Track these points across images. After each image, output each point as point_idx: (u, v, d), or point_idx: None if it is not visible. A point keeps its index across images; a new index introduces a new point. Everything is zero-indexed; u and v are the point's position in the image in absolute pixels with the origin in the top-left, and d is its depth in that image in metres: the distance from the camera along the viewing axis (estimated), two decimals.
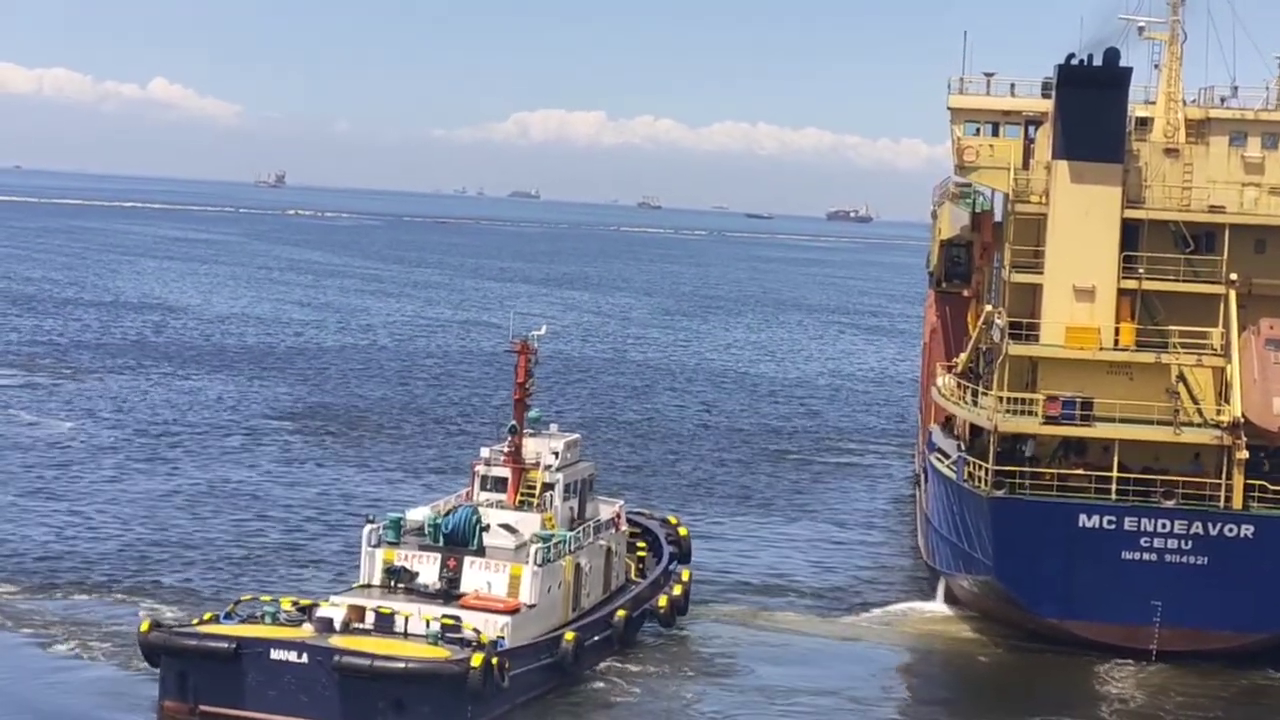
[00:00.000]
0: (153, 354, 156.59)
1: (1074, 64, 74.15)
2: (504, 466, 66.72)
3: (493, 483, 66.46)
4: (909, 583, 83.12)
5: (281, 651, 55.10)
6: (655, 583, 70.44)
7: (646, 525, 75.97)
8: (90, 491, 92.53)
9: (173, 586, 73.29)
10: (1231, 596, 68.23)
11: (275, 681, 54.93)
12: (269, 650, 55.25)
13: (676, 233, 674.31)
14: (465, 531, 62.73)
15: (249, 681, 55.17)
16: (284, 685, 54.83)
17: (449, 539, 62.56)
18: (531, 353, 68.05)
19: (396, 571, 61.36)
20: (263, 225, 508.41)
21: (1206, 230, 75.28)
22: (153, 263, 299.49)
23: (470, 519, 63.07)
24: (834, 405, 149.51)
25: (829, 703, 63.27)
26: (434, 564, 61.70)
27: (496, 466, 66.89)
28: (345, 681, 54.37)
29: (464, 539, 62.56)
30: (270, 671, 55.01)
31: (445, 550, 62.16)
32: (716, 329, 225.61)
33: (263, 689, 55.02)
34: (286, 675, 54.86)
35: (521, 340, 68.15)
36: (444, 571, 61.40)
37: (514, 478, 66.45)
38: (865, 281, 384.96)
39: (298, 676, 54.75)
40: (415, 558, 61.93)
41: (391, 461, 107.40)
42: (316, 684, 54.59)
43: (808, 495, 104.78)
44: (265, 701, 55.05)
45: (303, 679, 54.70)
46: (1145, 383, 72.70)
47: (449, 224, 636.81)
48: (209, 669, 55.45)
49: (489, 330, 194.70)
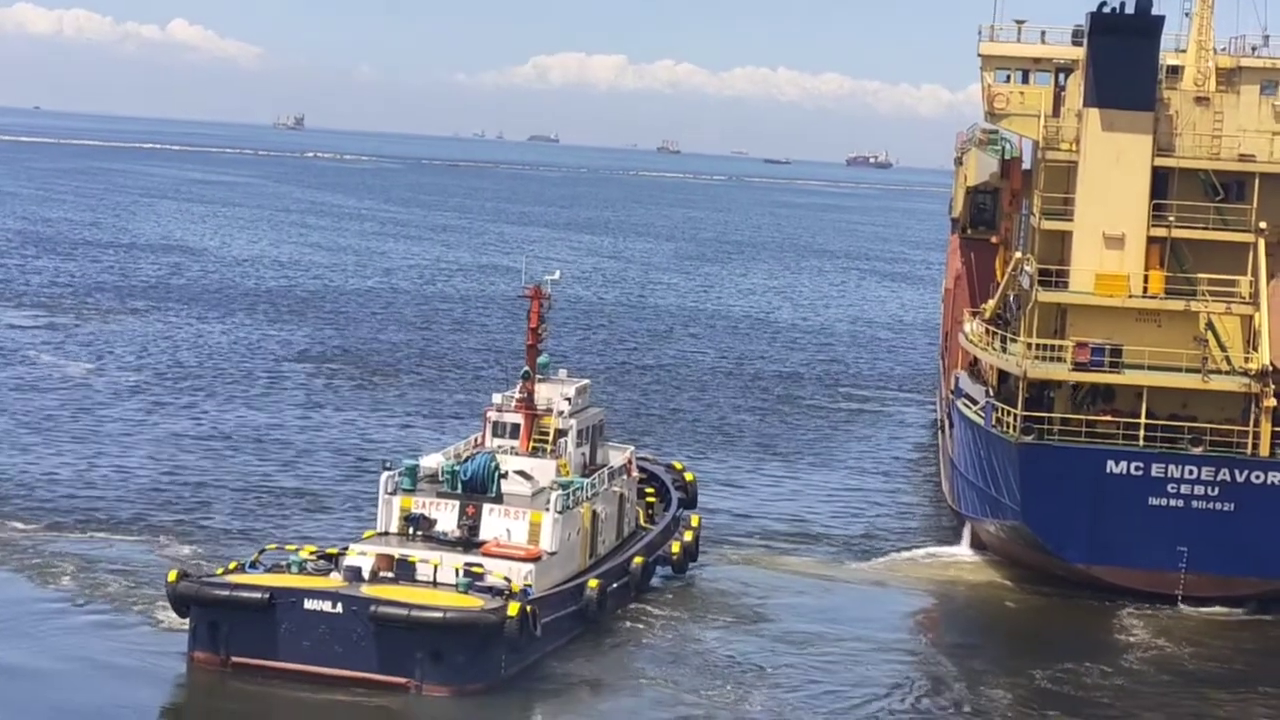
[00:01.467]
0: (172, 296, 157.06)
1: (1107, 12, 74.13)
2: (516, 413, 65.97)
3: (505, 429, 65.76)
4: (933, 528, 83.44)
5: (315, 601, 54.42)
6: (666, 529, 70.17)
7: (653, 471, 75.56)
8: (109, 433, 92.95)
9: (188, 528, 73.36)
10: (1257, 542, 68.62)
11: (309, 632, 54.31)
12: (303, 600, 54.53)
13: (695, 177, 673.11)
14: (484, 478, 62.11)
15: (282, 632, 54.48)
16: (318, 636, 54.24)
17: (467, 486, 61.98)
18: (545, 298, 67.18)
19: (415, 519, 60.76)
20: (282, 168, 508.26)
21: (1236, 179, 75.29)
22: (172, 204, 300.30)
23: (489, 466, 62.50)
24: (853, 351, 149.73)
25: (855, 646, 63.48)
26: (452, 511, 61.16)
27: (509, 413, 66.14)
28: (381, 631, 53.77)
29: (483, 486, 62.02)
30: (304, 622, 54.36)
31: (464, 497, 61.61)
32: (735, 274, 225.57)
33: (296, 639, 54.39)
34: (321, 625, 54.22)
35: (535, 285, 67.44)
36: (463, 519, 60.85)
37: (526, 424, 65.68)
38: (885, 228, 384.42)
39: (332, 626, 54.13)
40: (433, 505, 61.38)
41: (409, 406, 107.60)
42: (351, 634, 54.01)
43: (827, 441, 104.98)
44: (299, 652, 54.44)
45: (337, 629, 54.11)
46: (1173, 330, 72.88)
47: (467, 167, 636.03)
48: (241, 619, 54.67)
49: (507, 274, 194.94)
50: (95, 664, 56.82)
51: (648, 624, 63.62)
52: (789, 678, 59.14)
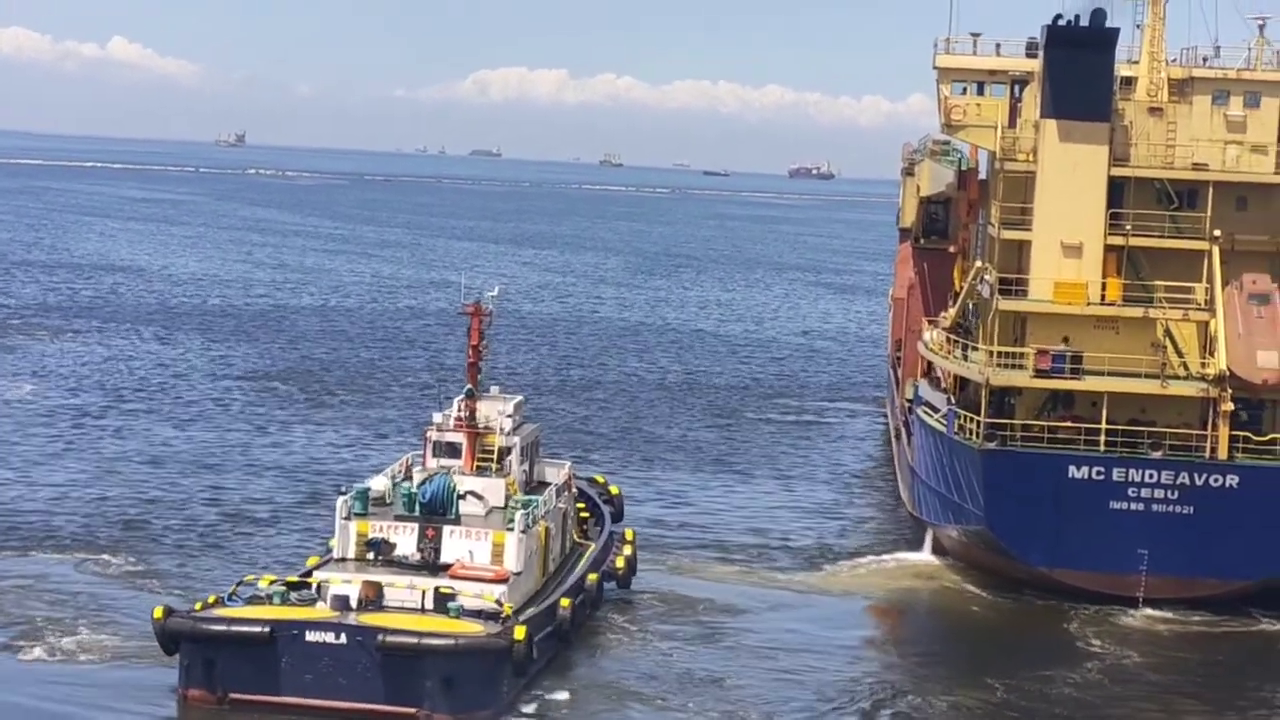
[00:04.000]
0: (113, 316, 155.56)
1: (1062, 25, 75.29)
2: (458, 432, 64.77)
3: (446, 449, 64.50)
4: (892, 534, 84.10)
5: (318, 633, 52.95)
6: (607, 544, 69.24)
7: (580, 487, 74.09)
8: (49, 454, 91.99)
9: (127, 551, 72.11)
10: (1216, 545, 69.79)
11: (311, 665, 52.87)
12: (304, 632, 53.08)
13: (638, 190, 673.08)
14: (444, 500, 60.94)
15: (284, 666, 52.88)
16: (321, 668, 52.85)
17: (427, 508, 60.74)
18: (485, 314, 66.15)
19: (377, 544, 59.28)
20: (224, 185, 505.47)
21: (1190, 187, 76.52)
22: (113, 223, 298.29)
23: (448, 487, 61.35)
24: (800, 363, 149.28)
25: (818, 655, 63.69)
26: (411, 534, 59.74)
27: (450, 432, 64.86)
28: (388, 660, 52.56)
29: (443, 508, 60.84)
30: (306, 654, 52.89)
31: (422, 520, 60.23)
32: (681, 287, 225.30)
33: (298, 673, 52.87)
34: (324, 657, 52.84)
35: (475, 302, 66.44)
36: (422, 541, 59.49)
37: (469, 443, 64.47)
38: (829, 239, 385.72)
39: (336, 658, 52.79)
40: (392, 528, 59.94)
41: (353, 424, 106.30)
42: (356, 665, 52.73)
43: (776, 452, 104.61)
44: (301, 686, 52.97)
45: (341, 660, 52.78)
46: (1131, 337, 74.06)
47: (410, 182, 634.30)
48: (239, 655, 53.01)
49: (450, 290, 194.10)
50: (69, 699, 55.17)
51: (614, 640, 63.41)
52: (749, 689, 59.04)
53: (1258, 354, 70.90)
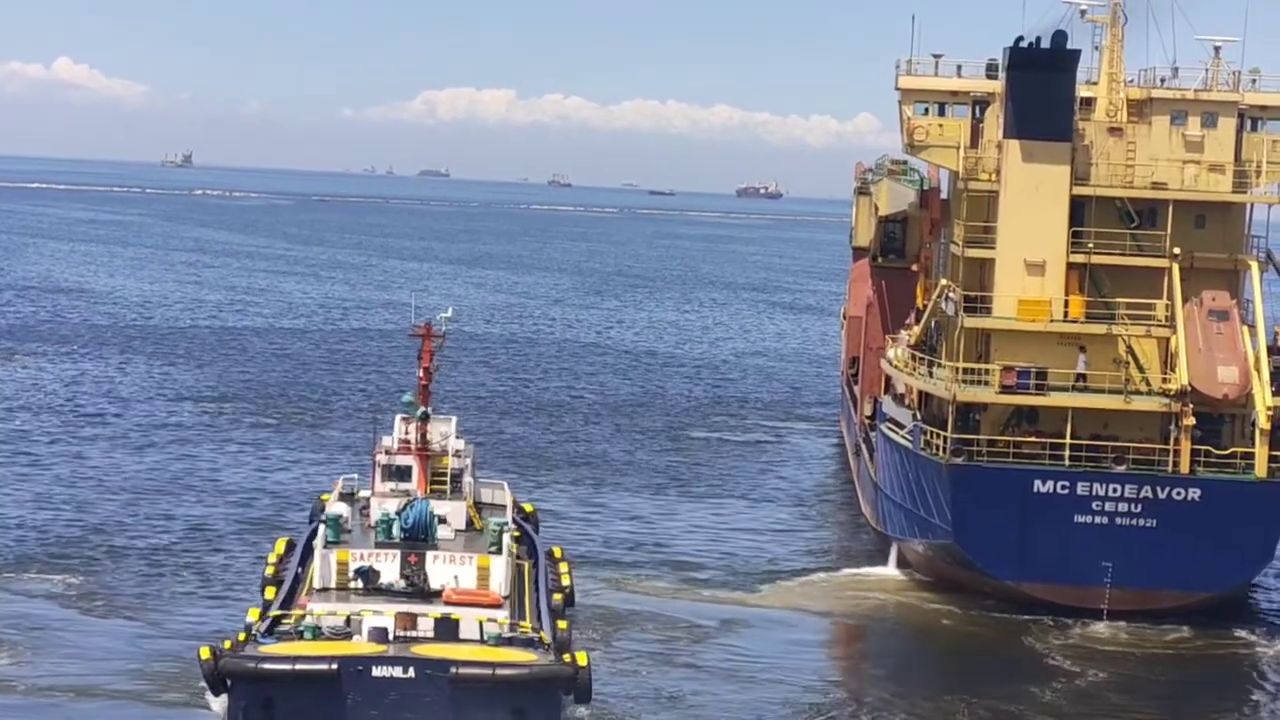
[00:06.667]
0: (59, 338, 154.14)
1: (1024, 47, 76.35)
2: (408, 455, 64.14)
3: (396, 472, 63.76)
4: (855, 550, 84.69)
5: (385, 668, 51.17)
6: (540, 564, 67.59)
7: None
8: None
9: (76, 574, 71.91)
10: (1179, 557, 70.83)
11: (378, 701, 51.05)
12: (370, 667, 51.20)
13: (587, 210, 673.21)
14: (426, 525, 60.27)
15: (349, 704, 51.02)
16: (388, 704, 51.04)
17: (410, 534, 60.09)
18: (437, 336, 65.81)
19: (364, 572, 58.08)
20: (171, 206, 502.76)
21: (1150, 206, 77.60)
22: (59, 244, 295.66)
23: (429, 512, 60.62)
24: (752, 382, 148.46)
25: (784, 671, 63.87)
26: (394, 561, 58.59)
27: (400, 455, 64.25)
28: (459, 693, 50.90)
29: (425, 533, 60.16)
30: (373, 691, 51.06)
31: (404, 546, 59.47)
32: (631, 307, 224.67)
33: (364, 709, 51.04)
34: (391, 693, 51.00)
35: (426, 323, 65.99)
36: (405, 568, 58.30)
37: (421, 466, 63.85)
38: (778, 258, 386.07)
39: (404, 693, 50.97)
40: (374, 556, 58.96)
41: (304, 446, 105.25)
42: (423, 699, 50.96)
43: (732, 471, 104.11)
44: None
45: (408, 696, 50.97)
46: (1094, 353, 75.12)
47: (358, 202, 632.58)
48: (302, 693, 50.98)
49: (401, 310, 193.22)
50: None
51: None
52: (710, 708, 59.03)
53: (1218, 369, 72.06)
